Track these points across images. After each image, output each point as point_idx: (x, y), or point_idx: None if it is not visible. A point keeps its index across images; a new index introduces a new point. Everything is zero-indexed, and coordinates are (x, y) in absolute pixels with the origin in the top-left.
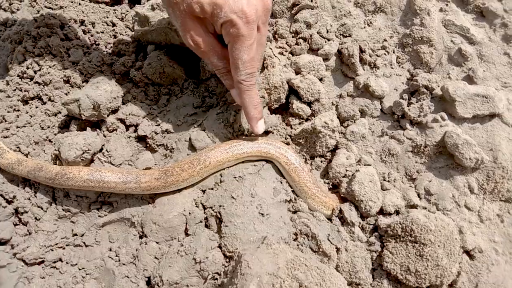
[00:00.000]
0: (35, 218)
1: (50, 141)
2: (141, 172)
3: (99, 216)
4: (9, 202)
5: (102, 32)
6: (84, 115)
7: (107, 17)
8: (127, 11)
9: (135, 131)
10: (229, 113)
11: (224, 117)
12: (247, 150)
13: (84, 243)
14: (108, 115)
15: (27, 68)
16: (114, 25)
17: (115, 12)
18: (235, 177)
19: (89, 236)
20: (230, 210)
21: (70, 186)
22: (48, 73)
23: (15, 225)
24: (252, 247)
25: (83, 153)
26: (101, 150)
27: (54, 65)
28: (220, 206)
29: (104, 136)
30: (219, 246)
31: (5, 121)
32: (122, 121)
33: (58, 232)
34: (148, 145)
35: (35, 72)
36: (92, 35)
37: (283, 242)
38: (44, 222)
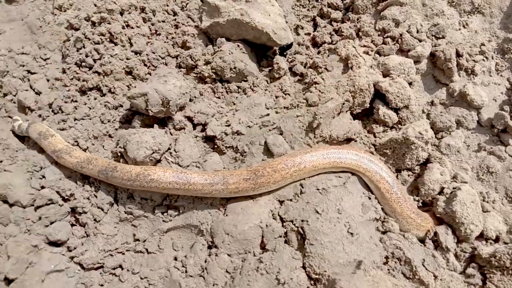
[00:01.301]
0: (95, 219)
1: (110, 136)
2: (228, 173)
3: (163, 220)
4: (65, 200)
5: (163, 21)
6: (151, 111)
7: (167, 5)
8: (188, 0)
9: (202, 130)
10: (309, 116)
11: (305, 121)
12: (346, 161)
13: (147, 249)
14: (175, 112)
15: (86, 56)
16: (175, 14)
17: (175, 1)
18: (318, 189)
19: (152, 242)
20: (316, 227)
21: (152, 188)
22: (109, 62)
23: (72, 225)
24: (344, 272)
25: (153, 152)
26: (168, 149)
27: (116, 54)
28: (302, 221)
29: (171, 134)
30: (303, 266)
31: (62, 112)
32: (189, 119)
33: (118, 236)
34: (216, 146)
35: (94, 61)
36: (153, 24)
37: (375, 267)
38: (104, 224)
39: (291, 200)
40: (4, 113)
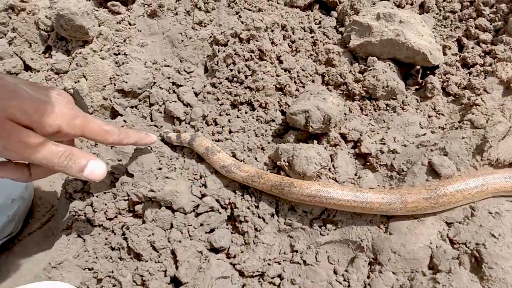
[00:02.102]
0: (255, 229)
1: (262, 149)
2: (404, 191)
3: (320, 234)
4: (224, 208)
5: (302, 39)
6: (312, 127)
7: (302, 23)
8: (321, 17)
9: (354, 147)
10: (477, 138)
11: (472, 143)
12: None
13: (304, 261)
14: (332, 129)
15: (238, 72)
16: (312, 31)
17: (309, 18)
18: (490, 213)
19: (309, 254)
20: (494, 251)
21: (329, 205)
22: (262, 79)
23: (231, 233)
24: None
25: (321, 168)
26: None
27: (268, 71)
28: (476, 244)
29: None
30: None
31: (217, 124)
32: (343, 136)
33: (276, 246)
34: (368, 163)
35: (246, 76)
36: (292, 41)
37: None
38: (265, 234)
39: (460, 222)
40: (150, 121)
